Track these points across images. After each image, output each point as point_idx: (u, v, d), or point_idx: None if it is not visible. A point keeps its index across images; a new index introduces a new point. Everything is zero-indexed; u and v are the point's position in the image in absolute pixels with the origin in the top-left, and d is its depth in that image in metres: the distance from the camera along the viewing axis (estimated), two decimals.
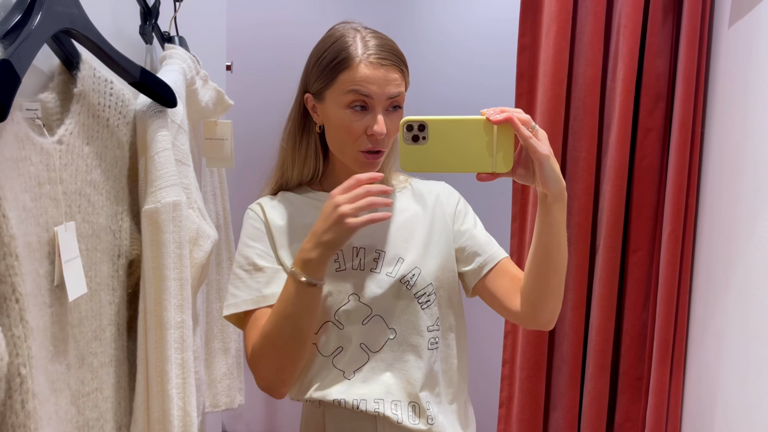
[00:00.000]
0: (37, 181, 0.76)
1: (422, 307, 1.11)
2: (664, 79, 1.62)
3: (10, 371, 0.66)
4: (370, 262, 1.12)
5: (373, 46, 1.05)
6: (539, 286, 1.04)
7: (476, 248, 1.15)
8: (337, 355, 1.11)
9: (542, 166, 0.91)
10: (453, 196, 1.20)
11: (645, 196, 1.65)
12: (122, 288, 0.98)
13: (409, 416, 1.09)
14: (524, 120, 0.91)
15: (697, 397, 1.59)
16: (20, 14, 0.74)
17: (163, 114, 0.98)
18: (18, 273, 0.67)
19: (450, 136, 0.91)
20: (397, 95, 1.06)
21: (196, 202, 1.08)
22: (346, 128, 1.06)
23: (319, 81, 1.08)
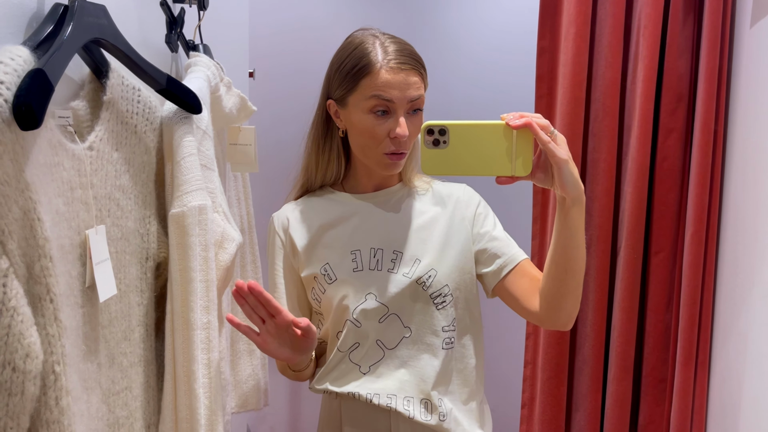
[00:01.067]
0: (70, 185, 0.79)
1: (438, 308, 1.14)
2: (685, 79, 1.61)
3: (44, 369, 0.69)
4: (388, 262, 1.15)
5: (392, 51, 1.08)
6: (558, 287, 1.06)
7: (496, 250, 1.17)
8: (354, 351, 1.15)
9: (561, 170, 0.93)
10: (473, 199, 1.22)
11: (667, 198, 1.65)
12: (150, 290, 1.01)
13: (420, 412, 1.12)
14: (543, 125, 0.93)
15: (722, 399, 1.58)
16: (52, 25, 0.77)
17: (189, 120, 1.01)
18: (52, 274, 0.69)
19: (470, 140, 0.93)
20: (418, 98, 1.09)
21: (221, 206, 1.11)
22: (369, 132, 1.09)
23: (341, 88, 1.12)
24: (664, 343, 1.68)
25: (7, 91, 0.64)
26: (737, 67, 1.58)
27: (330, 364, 1.17)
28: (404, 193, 1.21)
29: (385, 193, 1.20)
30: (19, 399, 0.66)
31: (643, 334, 1.71)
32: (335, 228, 1.18)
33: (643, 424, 1.71)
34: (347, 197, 1.20)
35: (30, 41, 0.74)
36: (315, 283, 1.18)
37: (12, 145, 0.65)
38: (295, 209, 1.22)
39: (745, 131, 1.52)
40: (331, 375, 1.17)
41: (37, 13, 0.79)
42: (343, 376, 1.16)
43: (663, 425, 1.70)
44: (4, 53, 0.67)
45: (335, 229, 1.18)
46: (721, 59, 1.55)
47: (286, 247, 1.21)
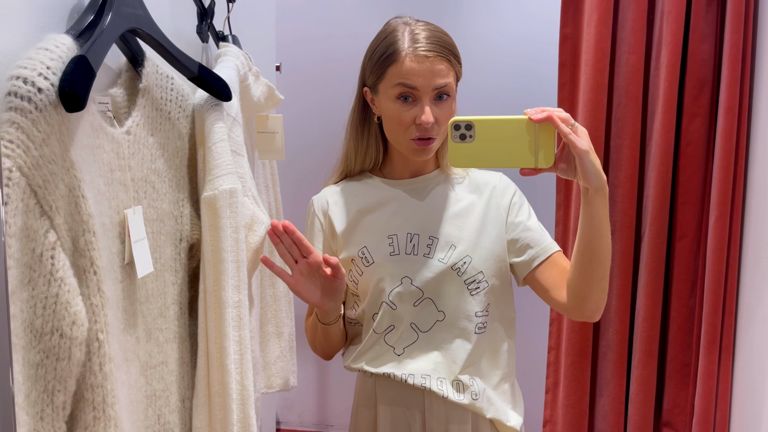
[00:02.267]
0: (109, 167, 0.84)
1: (471, 293, 1.16)
2: (709, 64, 1.61)
3: (89, 336, 0.73)
4: (424, 247, 1.18)
5: (420, 38, 1.11)
6: (584, 277, 1.07)
7: (529, 240, 1.19)
8: (389, 333, 1.18)
9: (582, 160, 0.96)
10: (509, 189, 1.24)
11: (691, 183, 1.65)
12: (184, 270, 1.05)
13: (452, 392, 1.16)
14: (564, 118, 0.96)
15: (747, 383, 1.58)
16: (92, 15, 0.81)
17: (219, 107, 1.05)
18: (95, 248, 0.74)
19: (495, 134, 0.97)
20: (444, 86, 1.11)
21: (251, 190, 1.15)
22: (396, 118, 1.12)
23: (372, 75, 1.16)
24: (688, 327, 1.69)
25: (53, 76, 0.69)
26: (761, 51, 1.58)
27: (366, 344, 1.20)
28: (441, 180, 1.24)
29: (422, 180, 1.23)
30: (66, 363, 0.70)
31: (667, 319, 1.72)
32: (373, 213, 1.21)
33: (668, 409, 1.72)
34: (385, 183, 1.23)
35: (72, 30, 0.78)
36: (353, 265, 1.21)
37: (59, 126, 0.69)
38: (334, 193, 1.25)
39: None
40: (366, 355, 1.20)
41: (78, 4, 0.83)
42: (378, 357, 1.19)
43: (687, 409, 1.71)
44: (50, 41, 0.72)
45: (373, 214, 1.21)
46: (745, 43, 1.55)
47: (325, 230, 1.25)
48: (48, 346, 0.69)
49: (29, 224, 0.67)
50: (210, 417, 1.04)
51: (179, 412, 1.04)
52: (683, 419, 1.71)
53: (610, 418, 1.74)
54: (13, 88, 0.66)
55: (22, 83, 0.66)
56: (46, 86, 0.68)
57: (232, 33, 1.29)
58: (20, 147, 0.66)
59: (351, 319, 1.26)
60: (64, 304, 0.69)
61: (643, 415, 1.69)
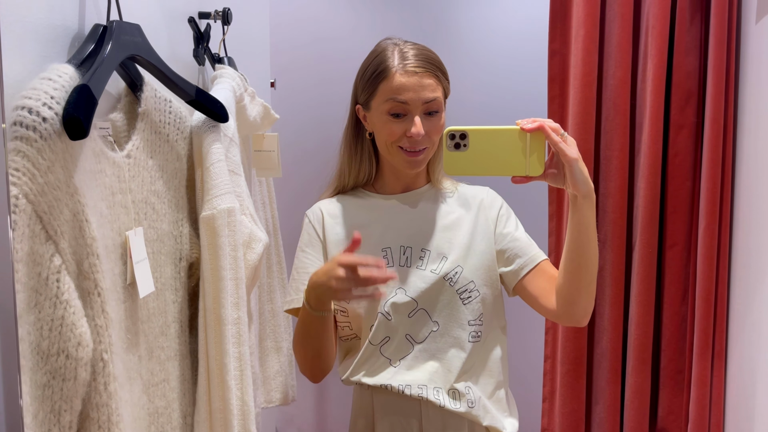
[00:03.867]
0: (111, 190, 0.86)
1: (464, 303, 1.20)
2: (694, 76, 1.64)
3: (94, 357, 0.75)
4: (417, 259, 1.22)
5: (408, 56, 1.16)
6: (573, 282, 1.11)
7: (517, 251, 1.23)
8: (384, 344, 1.21)
9: (572, 168, 1.00)
10: (496, 201, 1.29)
11: (679, 192, 1.68)
12: (184, 288, 1.08)
13: (449, 401, 1.19)
14: (554, 128, 1.00)
15: (739, 388, 1.60)
16: (93, 44, 0.84)
17: (217, 129, 1.08)
18: (99, 270, 0.76)
19: (488, 143, 1.02)
20: (433, 99, 1.16)
21: (248, 209, 1.17)
22: (388, 132, 1.17)
23: (364, 92, 1.21)
24: (681, 334, 1.71)
25: (57, 105, 0.71)
26: (744, 62, 1.61)
27: (362, 357, 1.23)
28: (432, 194, 1.28)
29: (413, 194, 1.27)
30: (72, 383, 0.72)
31: (660, 326, 1.74)
32: (367, 226, 1.25)
33: (663, 415, 1.74)
34: (378, 197, 1.27)
35: (74, 59, 0.81)
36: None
37: (62, 153, 0.72)
38: (329, 206, 1.29)
39: (755, 125, 1.55)
40: (363, 367, 1.23)
41: (79, 34, 0.86)
42: (374, 369, 1.22)
43: (682, 415, 1.73)
44: (53, 71, 0.74)
45: (367, 228, 1.25)
46: (729, 55, 1.59)
47: (321, 240, 1.28)
48: (54, 367, 0.71)
49: (35, 249, 0.69)
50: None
51: (181, 428, 1.06)
52: (678, 425, 1.73)
53: (607, 426, 1.75)
54: (18, 117, 0.68)
55: (27, 113, 0.69)
56: (50, 115, 0.70)
57: (227, 55, 1.32)
58: (26, 175, 0.68)
59: (343, 337, 1.28)
60: (69, 326, 0.71)
61: (639, 422, 1.71)
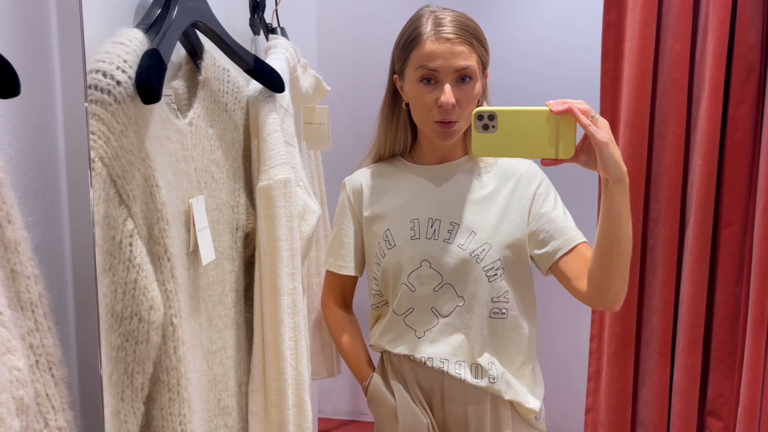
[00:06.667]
0: (176, 157, 0.86)
1: (489, 280, 1.20)
2: (756, 50, 1.59)
3: (164, 320, 0.76)
4: (445, 233, 1.21)
5: (443, 23, 1.14)
6: (604, 267, 1.08)
7: (552, 232, 1.19)
8: (409, 315, 1.23)
9: (602, 151, 0.97)
10: (535, 178, 1.25)
11: (737, 170, 1.63)
12: (240, 258, 1.08)
13: (470, 375, 1.20)
14: (584, 110, 0.97)
15: None
16: (159, 9, 0.84)
17: (273, 99, 1.07)
18: (169, 235, 0.77)
19: (517, 125, 0.99)
20: (465, 67, 1.13)
21: (302, 180, 1.17)
22: (419, 101, 1.16)
23: (399, 61, 1.20)
24: (734, 316, 1.67)
25: (130, 69, 0.71)
26: None
27: (387, 324, 1.26)
28: (468, 167, 1.26)
29: (448, 166, 1.26)
30: (144, 346, 0.73)
31: (712, 307, 1.71)
32: (399, 196, 1.26)
33: (712, 398, 1.71)
34: (413, 167, 1.27)
35: (142, 24, 0.81)
36: (377, 246, 1.26)
37: (135, 118, 0.72)
38: (366, 174, 1.31)
39: None
40: (388, 335, 1.25)
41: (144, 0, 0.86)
42: (399, 338, 1.24)
43: (733, 399, 1.70)
44: (123, 35, 0.74)
45: (399, 197, 1.25)
46: None
47: (355, 210, 1.30)
48: (128, 329, 0.72)
49: (110, 213, 0.70)
50: (266, 401, 1.07)
51: (236, 396, 1.07)
52: (728, 408, 1.70)
53: (654, 407, 1.73)
54: (93, 81, 0.69)
55: (102, 76, 0.69)
56: (124, 79, 0.70)
57: (280, 25, 1.31)
58: (101, 138, 0.68)
59: (374, 305, 1.31)
60: (142, 290, 0.72)
61: (687, 403, 1.68)
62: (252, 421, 1.08)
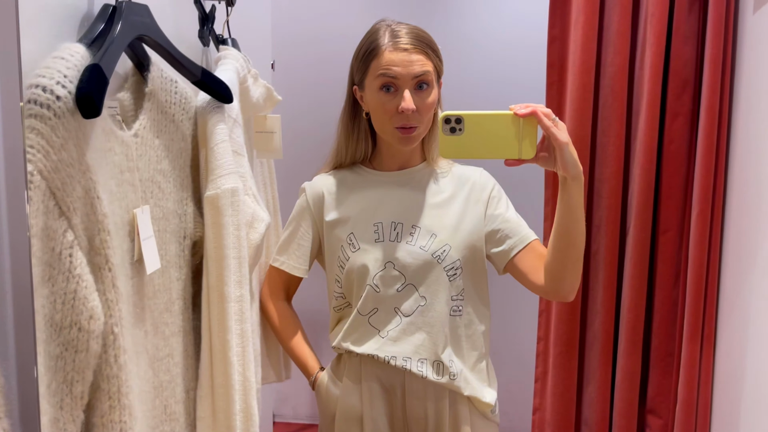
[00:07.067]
0: (120, 169, 0.88)
1: (450, 279, 1.26)
2: (691, 64, 1.66)
3: (105, 329, 0.78)
4: (407, 235, 1.27)
5: (398, 34, 1.21)
6: (560, 259, 1.16)
7: (507, 231, 1.28)
8: (373, 315, 1.27)
9: (562, 151, 1.04)
10: (488, 183, 1.33)
11: (674, 179, 1.71)
12: (188, 266, 1.10)
13: (431, 372, 1.25)
14: (546, 113, 1.04)
15: (728, 371, 1.64)
16: (103, 24, 0.85)
17: (221, 109, 1.09)
18: (110, 246, 0.78)
19: (482, 127, 1.05)
20: (422, 74, 1.20)
21: (251, 189, 1.19)
22: (380, 108, 1.22)
23: (358, 72, 1.26)
24: (672, 318, 1.75)
25: (70, 84, 0.73)
26: (740, 52, 1.63)
27: (351, 325, 1.29)
28: (426, 173, 1.33)
29: (408, 172, 1.32)
30: (84, 355, 0.75)
31: (651, 309, 1.78)
32: (361, 201, 1.31)
33: (652, 396, 1.78)
34: (374, 174, 1.33)
35: (85, 39, 0.82)
36: (340, 250, 1.30)
37: (76, 131, 0.73)
38: (327, 179, 1.35)
39: (748, 114, 1.58)
40: (352, 336, 1.29)
41: (89, 13, 0.87)
42: (363, 338, 1.28)
43: (671, 397, 1.77)
44: (65, 50, 0.76)
45: (361, 202, 1.30)
46: (725, 45, 1.61)
47: (314, 213, 1.34)
48: (67, 339, 0.73)
49: (49, 224, 0.71)
50: (214, 407, 1.09)
51: (184, 402, 1.09)
52: (667, 406, 1.77)
53: (597, 406, 1.80)
54: (32, 95, 0.70)
55: (41, 91, 0.70)
56: (63, 94, 0.71)
57: (231, 36, 1.33)
58: (40, 152, 0.70)
59: (336, 306, 1.35)
60: (81, 300, 0.73)
61: (629, 402, 1.75)
62: (200, 427, 1.09)
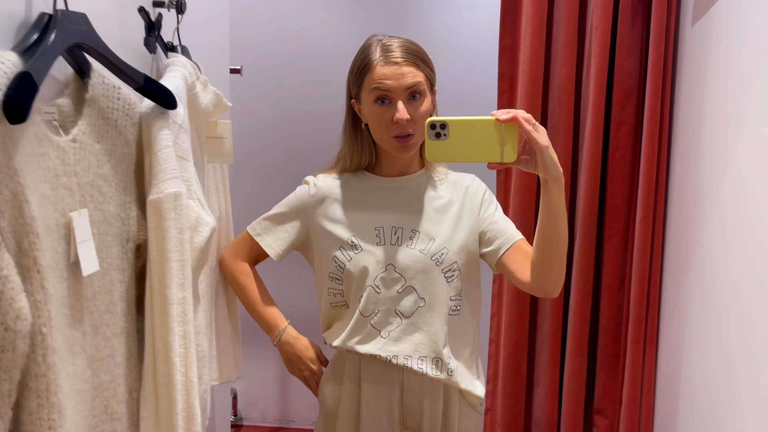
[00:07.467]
0: (55, 173, 0.90)
1: (448, 281, 1.32)
2: (634, 76, 1.72)
3: (33, 330, 0.79)
4: (407, 239, 1.33)
5: (389, 48, 1.26)
6: (543, 258, 1.21)
7: (495, 232, 1.34)
8: (374, 317, 1.32)
9: (543, 154, 1.09)
10: (480, 188, 1.41)
11: (619, 186, 1.76)
12: (131, 269, 1.12)
13: (432, 369, 1.31)
14: (527, 118, 1.10)
15: (668, 372, 1.69)
16: (38, 32, 0.87)
17: (165, 115, 1.12)
18: (39, 248, 0.80)
19: (466, 132, 1.10)
20: (413, 85, 1.25)
21: (196, 194, 1.22)
22: (377, 120, 1.28)
23: (354, 86, 1.32)
24: (617, 322, 1.80)
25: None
26: (681, 62, 1.69)
27: (354, 327, 1.34)
28: (424, 179, 1.39)
29: (407, 179, 1.38)
30: (11, 354, 0.77)
31: (598, 314, 1.83)
32: (363, 205, 1.36)
33: (599, 397, 1.83)
34: (376, 179, 1.38)
35: (18, 47, 0.84)
36: (339, 250, 1.34)
37: (2, 137, 0.75)
38: (331, 181, 1.40)
39: (686, 123, 1.63)
40: (355, 338, 1.34)
41: (25, 22, 0.89)
42: (365, 339, 1.33)
43: (617, 398, 1.82)
44: None
45: (363, 206, 1.36)
46: (666, 56, 1.66)
47: (309, 209, 1.39)
48: None
49: None
50: (157, 407, 1.10)
51: (127, 402, 1.10)
52: (613, 407, 1.82)
53: (546, 406, 1.84)
54: None
55: None
56: None
57: (181, 44, 1.35)
58: None
59: (333, 303, 1.39)
60: (8, 300, 0.75)
61: (575, 403, 1.80)
62: (143, 427, 1.11)
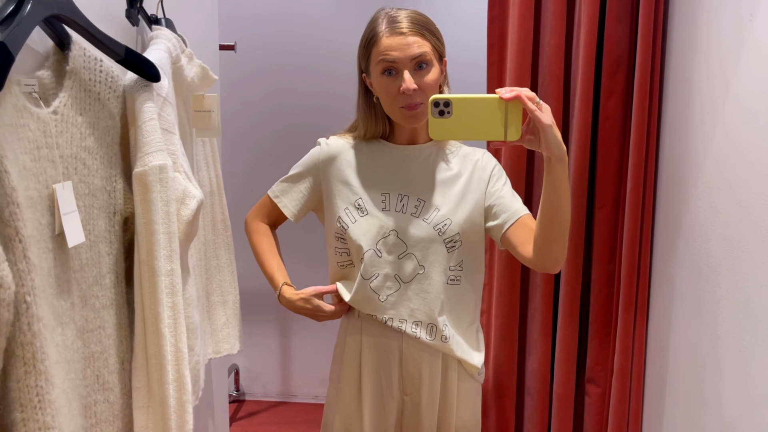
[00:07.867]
0: (36, 145, 0.91)
1: (448, 251, 1.35)
2: (624, 44, 1.71)
3: (17, 299, 0.81)
4: (412, 208, 1.36)
5: (395, 20, 1.27)
6: (545, 234, 1.22)
7: (502, 207, 1.36)
8: (374, 280, 1.36)
9: (546, 133, 1.09)
10: (490, 162, 1.42)
11: (609, 156, 1.76)
12: (119, 241, 1.13)
13: (425, 335, 1.35)
14: (530, 96, 1.09)
15: (658, 339, 1.71)
16: (14, 4, 0.87)
17: (149, 88, 1.12)
18: (20, 218, 0.81)
19: (470, 110, 1.10)
20: (419, 54, 1.26)
21: (182, 167, 1.22)
22: (385, 91, 1.29)
23: (363, 60, 1.34)
24: (609, 291, 1.81)
25: None
26: (671, 31, 1.68)
27: (357, 290, 1.38)
28: (435, 150, 1.40)
29: (417, 148, 1.40)
30: None
31: (589, 283, 1.84)
32: (372, 169, 1.38)
33: (591, 366, 1.85)
34: (387, 146, 1.40)
35: None
36: (345, 212, 1.37)
37: None
38: (343, 142, 1.43)
39: (677, 91, 1.63)
40: (354, 298, 1.38)
41: None
42: (364, 301, 1.37)
43: (608, 366, 1.84)
44: None
45: (372, 170, 1.38)
46: (656, 24, 1.65)
47: (321, 168, 1.41)
48: None
49: None
50: (148, 377, 1.12)
51: (119, 373, 1.12)
52: (604, 375, 1.84)
53: (538, 376, 1.86)
54: None
55: None
56: None
57: (165, 17, 1.35)
58: None
59: (340, 263, 1.43)
60: None
61: (567, 372, 1.81)
62: (136, 397, 1.13)
